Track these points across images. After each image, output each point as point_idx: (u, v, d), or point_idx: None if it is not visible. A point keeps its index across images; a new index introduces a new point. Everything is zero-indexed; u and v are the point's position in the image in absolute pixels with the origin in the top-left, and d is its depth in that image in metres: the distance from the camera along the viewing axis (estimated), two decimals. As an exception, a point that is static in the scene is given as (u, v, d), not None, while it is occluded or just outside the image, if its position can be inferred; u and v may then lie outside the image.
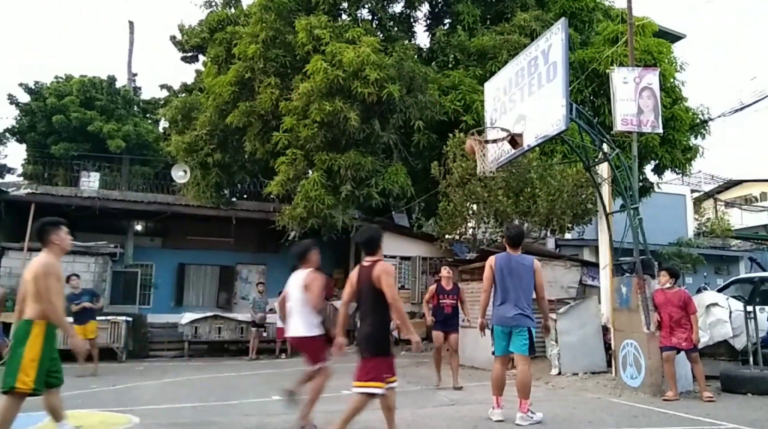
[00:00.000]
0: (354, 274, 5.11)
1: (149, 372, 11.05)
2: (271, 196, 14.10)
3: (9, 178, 23.49)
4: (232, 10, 16.36)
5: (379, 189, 12.94)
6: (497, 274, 6.10)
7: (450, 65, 15.06)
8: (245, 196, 19.35)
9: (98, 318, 13.26)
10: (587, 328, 9.54)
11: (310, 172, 13.16)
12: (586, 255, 16.81)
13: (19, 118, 22.85)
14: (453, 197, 12.63)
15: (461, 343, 11.90)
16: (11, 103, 22.78)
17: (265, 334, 14.38)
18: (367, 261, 5.01)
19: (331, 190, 12.74)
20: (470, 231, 13.63)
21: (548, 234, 14.27)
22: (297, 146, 12.93)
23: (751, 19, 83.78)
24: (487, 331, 6.50)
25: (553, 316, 9.56)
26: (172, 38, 18.45)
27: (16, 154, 59.84)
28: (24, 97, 22.83)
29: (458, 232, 13.54)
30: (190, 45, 17.57)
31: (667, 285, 7.79)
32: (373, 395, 4.88)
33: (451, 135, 12.64)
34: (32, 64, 52.31)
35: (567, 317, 9.56)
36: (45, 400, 4.71)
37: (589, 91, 13.55)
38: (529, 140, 8.38)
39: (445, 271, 9.26)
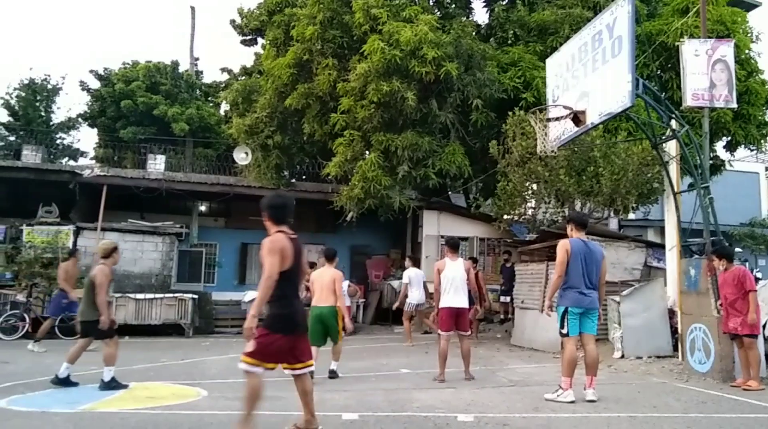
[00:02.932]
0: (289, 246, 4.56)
1: (214, 347, 11.47)
2: (329, 177, 14.24)
3: (82, 161, 24.66)
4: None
5: (436, 169, 12.86)
6: (574, 258, 6.14)
7: (509, 41, 14.72)
8: (304, 177, 19.62)
9: (165, 295, 13.91)
10: (652, 310, 9.26)
11: (368, 153, 13.20)
12: (651, 236, 16.27)
13: (90, 103, 23.88)
14: (512, 177, 12.42)
15: (519, 324, 11.84)
16: (83, 89, 23.82)
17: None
18: (289, 231, 4.72)
19: (388, 170, 12.75)
20: (530, 211, 13.40)
21: (611, 214, 13.87)
22: (354, 127, 12.97)
23: (837, -16, 77.63)
24: (552, 314, 6.53)
25: (616, 298, 9.33)
26: (232, 22, 18.78)
27: (88, 138, 62.64)
28: (95, 84, 23.83)
29: (517, 212, 13.33)
30: (249, 28, 17.83)
31: (721, 267, 7.44)
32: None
33: (510, 113, 12.40)
34: (102, 51, 54.38)
35: (631, 299, 9.30)
36: None
37: (656, 65, 12.97)
38: (592, 118, 8.13)
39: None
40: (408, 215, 14.94)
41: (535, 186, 12.76)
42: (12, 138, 24.17)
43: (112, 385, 6.68)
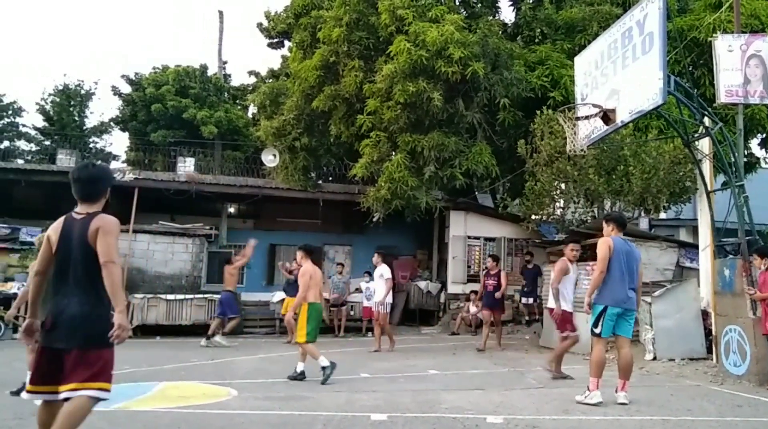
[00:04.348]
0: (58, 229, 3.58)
1: (244, 348, 11.59)
2: (356, 178, 14.30)
3: (114, 164, 25.17)
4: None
5: (463, 169, 12.81)
6: (616, 256, 5.98)
7: (536, 40, 14.60)
8: (331, 178, 19.73)
9: (195, 296, 14.12)
10: (685, 312, 9.07)
11: (394, 153, 13.21)
12: (683, 235, 15.94)
13: (121, 108, 24.37)
14: (540, 176, 12.31)
15: (548, 325, 11.72)
16: (115, 94, 24.33)
17: (351, 313, 14.70)
18: (78, 212, 3.61)
19: (414, 171, 12.75)
20: (558, 211, 13.26)
21: (642, 214, 13.64)
22: (381, 128, 13.00)
23: None
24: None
25: (648, 299, 9.17)
26: (259, 25, 18.99)
27: (120, 141, 63.73)
28: (126, 88, 24.31)
29: (545, 212, 13.20)
30: (276, 31, 18.01)
31: (762, 267, 7.24)
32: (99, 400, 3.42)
33: (538, 112, 12.29)
34: (134, 57, 55.42)
35: (663, 300, 9.13)
36: None
37: (687, 61, 12.72)
38: (622, 116, 8.02)
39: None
40: (435, 216, 14.91)
41: (563, 185, 12.63)
42: (48, 143, 24.80)
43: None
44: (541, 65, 13.36)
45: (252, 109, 23.26)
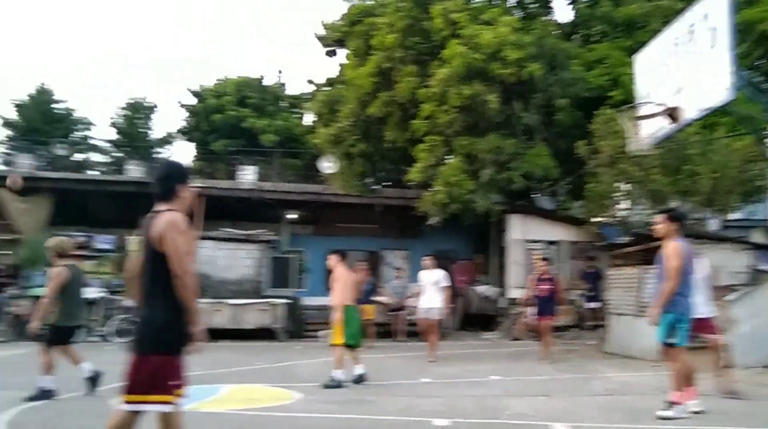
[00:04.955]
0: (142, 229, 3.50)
1: (306, 351, 11.81)
2: (412, 183, 14.34)
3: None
4: (371, 1, 16.74)
5: (521, 172, 12.65)
6: (687, 263, 5.58)
7: (595, 38, 14.27)
8: (388, 183, 19.85)
9: (258, 301, 14.47)
10: (762, 317, 8.66)
11: (450, 157, 13.18)
12: (757, 237, 15.19)
13: (187, 119, 25.33)
14: (602, 178, 12.01)
15: (613, 331, 11.42)
16: (181, 106, 25.33)
17: (409, 318, 14.70)
18: (154, 211, 3.46)
19: (471, 174, 12.68)
20: (621, 213, 12.90)
21: (710, 214, 13.10)
22: (436, 132, 13.00)
23: None
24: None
25: (722, 303, 8.80)
26: (316, 34, 19.31)
27: (184, 151, 65.82)
28: (191, 100, 25.27)
29: (608, 214, 12.87)
30: (332, 39, 18.26)
31: None
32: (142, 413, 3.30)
33: (597, 112, 12.01)
34: (198, 68, 57.24)
35: (738, 305, 8.74)
36: None
37: (757, 54, 12.14)
38: (689, 113, 7.76)
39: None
40: (492, 219, 14.77)
41: (626, 186, 12.28)
42: (119, 154, 26.03)
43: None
44: (600, 64, 13.07)
45: (310, 117, 23.69)
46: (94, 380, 6.67)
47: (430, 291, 10.07)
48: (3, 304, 13.64)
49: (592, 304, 13.21)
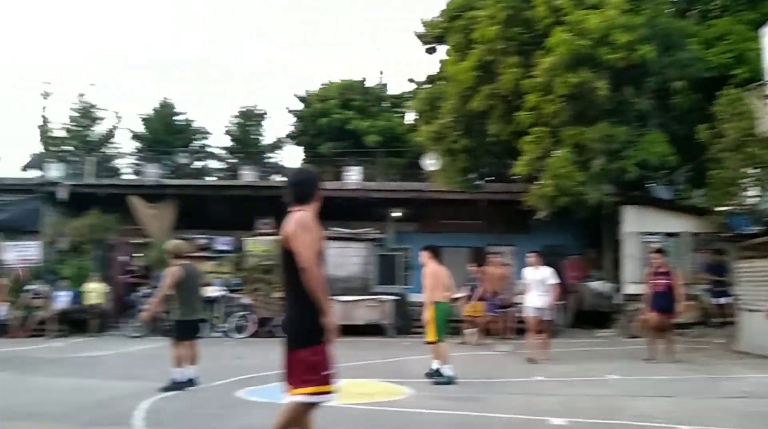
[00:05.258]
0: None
1: (414, 347, 11.90)
2: (517, 177, 14.03)
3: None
4: (470, -4, 16.55)
5: (635, 161, 12.00)
6: None
7: (714, 14, 13.25)
8: (492, 178, 19.56)
9: (367, 297, 14.78)
10: None
11: (557, 149, 12.76)
12: None
13: (294, 124, 26.40)
14: (727, 163, 11.12)
15: (745, 328, 10.58)
16: (289, 112, 26.44)
17: (518, 315, 14.40)
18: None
19: (580, 166, 12.20)
20: (750, 201, 11.88)
21: None
22: (542, 124, 12.64)
23: None
24: None
25: None
26: (416, 32, 19.39)
27: (292, 156, 68.31)
28: (297, 106, 26.30)
29: (735, 202, 11.90)
30: (431, 36, 18.26)
31: None
32: (311, 405, 3.50)
33: (720, 93, 11.14)
34: (303, 75, 59.14)
35: None
36: None
37: None
38: (829, 88, 7.00)
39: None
40: (605, 212, 14.12)
41: (755, 171, 11.29)
42: (233, 161, 27.59)
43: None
44: (721, 41, 12.12)
45: (411, 116, 23.86)
46: (190, 384, 7.05)
47: (537, 289, 9.63)
48: (137, 303, 14.88)
49: (721, 300, 12.28)
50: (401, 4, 57.96)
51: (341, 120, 23.54)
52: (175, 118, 28.32)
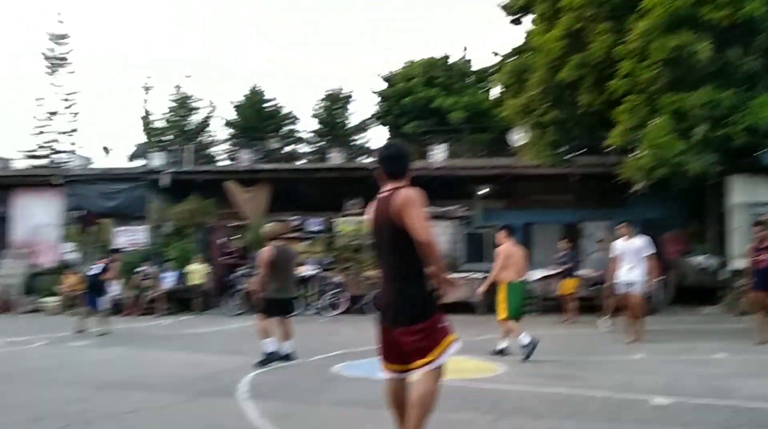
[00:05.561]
0: (372, 209, 3.64)
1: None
2: (611, 148, 13.45)
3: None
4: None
5: (743, 126, 11.16)
6: None
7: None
8: (583, 151, 18.86)
9: (456, 275, 14.74)
10: None
11: (655, 117, 12.08)
12: None
13: (379, 105, 26.58)
14: None
15: None
16: (373, 93, 26.63)
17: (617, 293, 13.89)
18: (384, 190, 3.55)
19: (680, 134, 11.50)
20: None
21: None
22: (637, 91, 12.00)
23: None
24: None
25: None
26: (499, 4, 18.88)
27: (378, 136, 68.82)
28: (381, 86, 26.43)
29: None
30: (517, 7, 17.72)
31: None
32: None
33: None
34: (387, 56, 59.31)
35: None
36: None
37: None
38: None
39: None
40: (709, 182, 13.27)
41: None
42: (321, 144, 28.24)
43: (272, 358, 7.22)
44: None
45: (497, 90, 23.37)
46: (287, 358, 7.35)
47: (629, 262, 8.86)
48: (236, 282, 15.66)
49: None
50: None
51: (425, 98, 23.44)
52: (264, 104, 29.28)
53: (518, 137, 16.79)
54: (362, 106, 59.65)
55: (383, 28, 57.61)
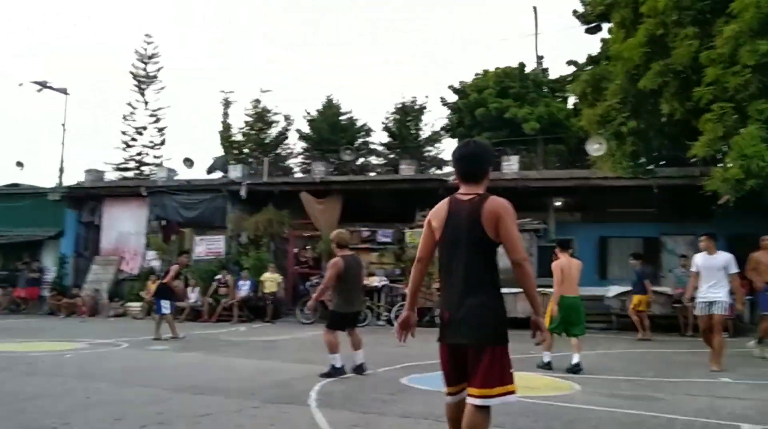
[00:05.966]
0: (441, 213, 3.29)
1: (582, 342, 11.39)
2: (695, 159, 12.81)
3: (446, 169, 27.43)
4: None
5: None
6: None
7: None
8: (664, 162, 18.06)
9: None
10: None
11: (744, 126, 11.41)
12: None
13: (449, 116, 26.47)
14: None
15: None
16: (443, 104, 26.55)
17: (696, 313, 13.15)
18: (464, 193, 3.24)
19: (774, 144, 10.80)
20: None
21: None
22: (724, 99, 11.37)
23: None
24: None
25: None
26: (574, 12, 18.46)
27: (449, 148, 68.65)
28: (452, 98, 26.31)
29: None
30: (593, 15, 17.26)
31: None
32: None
33: None
34: (457, 68, 59.20)
35: None
36: None
37: None
38: None
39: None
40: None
41: None
42: (392, 155, 28.41)
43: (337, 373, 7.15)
44: None
45: (572, 100, 22.80)
46: (360, 369, 7.36)
47: (710, 279, 8.05)
48: (309, 292, 15.94)
49: None
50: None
51: (498, 109, 23.13)
52: (339, 117, 29.80)
53: (595, 148, 16.28)
54: (433, 118, 59.78)
55: (454, 41, 57.59)
